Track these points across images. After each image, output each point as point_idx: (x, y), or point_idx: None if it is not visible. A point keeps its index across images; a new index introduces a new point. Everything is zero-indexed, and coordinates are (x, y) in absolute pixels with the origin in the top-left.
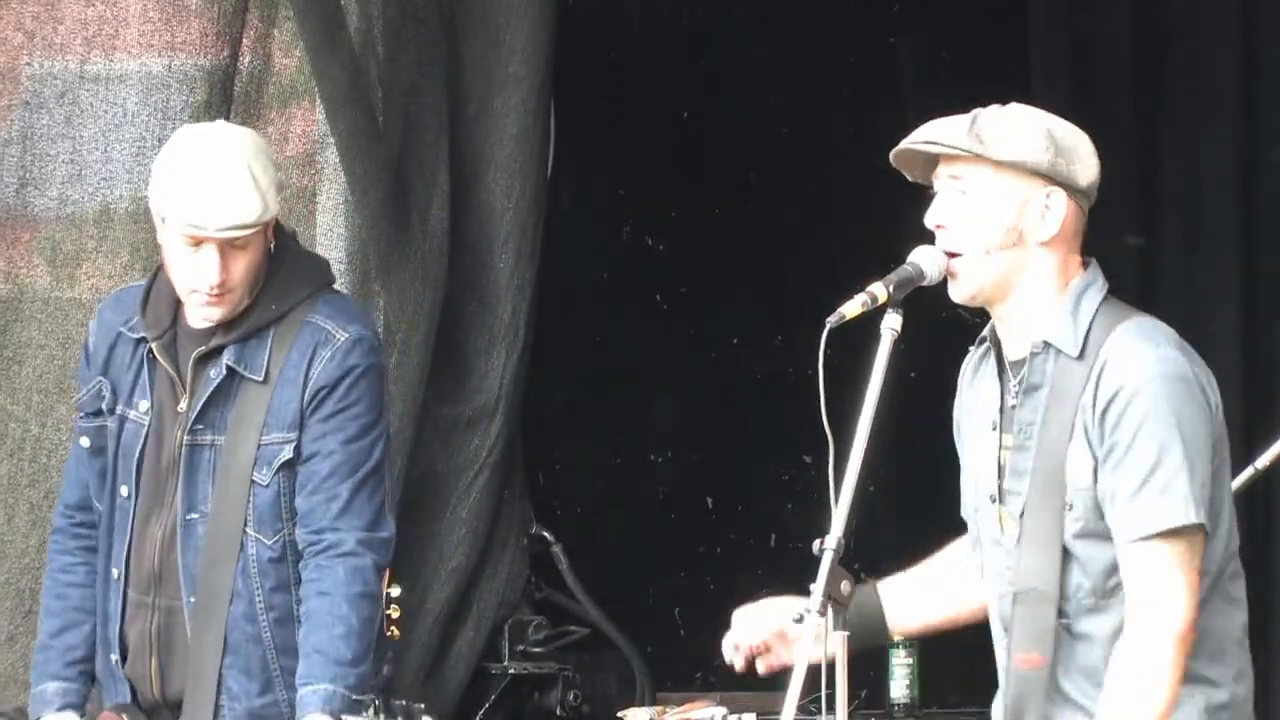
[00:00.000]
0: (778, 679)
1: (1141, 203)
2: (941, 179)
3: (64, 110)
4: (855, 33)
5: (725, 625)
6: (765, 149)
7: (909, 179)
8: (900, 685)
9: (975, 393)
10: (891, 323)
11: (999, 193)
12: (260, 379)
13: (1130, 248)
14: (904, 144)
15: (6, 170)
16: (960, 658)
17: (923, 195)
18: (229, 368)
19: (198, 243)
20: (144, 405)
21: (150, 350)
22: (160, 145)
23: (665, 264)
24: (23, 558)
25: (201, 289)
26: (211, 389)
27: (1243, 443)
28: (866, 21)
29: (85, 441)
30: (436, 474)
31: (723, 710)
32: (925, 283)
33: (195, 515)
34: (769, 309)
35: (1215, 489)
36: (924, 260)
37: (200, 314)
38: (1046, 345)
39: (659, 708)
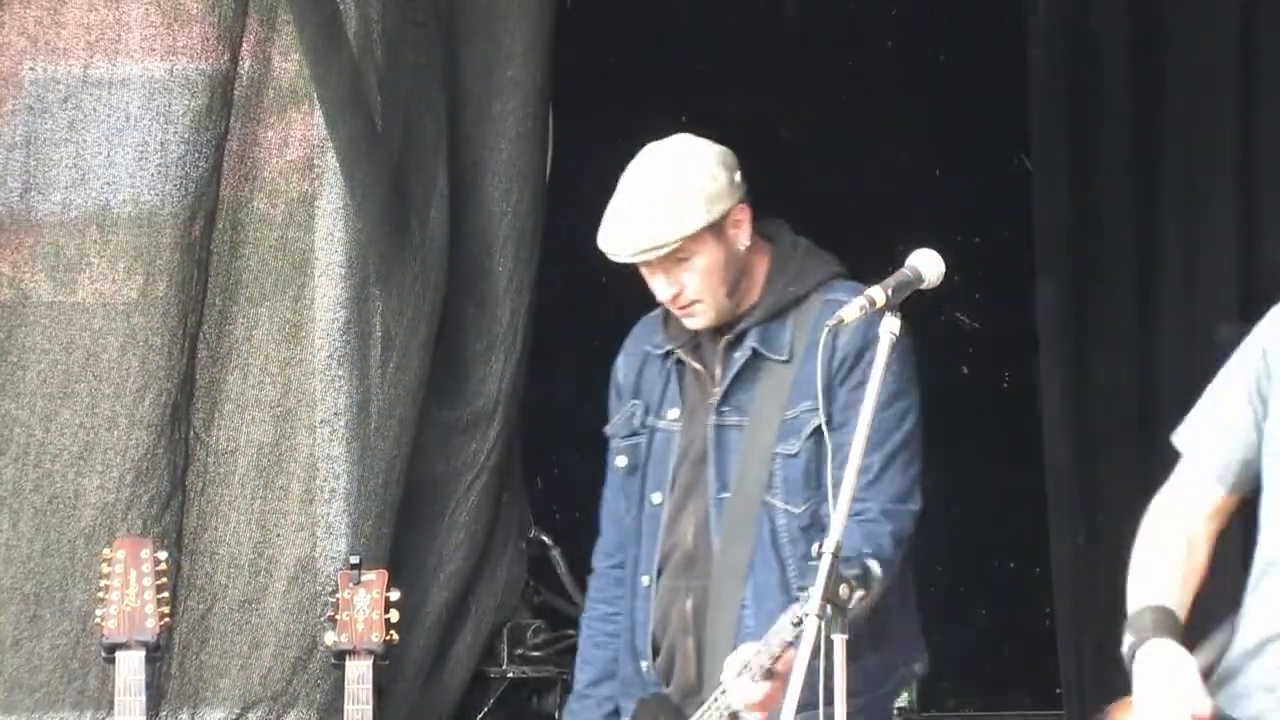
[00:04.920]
0: None
1: (1140, 202)
2: None
3: (67, 115)
4: (853, 36)
5: None
6: (763, 152)
7: None
8: None
9: None
10: (890, 326)
11: None
12: (784, 358)
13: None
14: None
15: (10, 175)
16: (959, 661)
17: (921, 201)
18: (754, 349)
19: (646, 262)
20: (673, 413)
21: (678, 360)
22: (163, 149)
23: None
24: (27, 562)
25: (666, 303)
26: (736, 370)
27: None
28: (864, 24)
29: (622, 461)
30: (435, 477)
31: None
32: (923, 286)
33: (727, 494)
34: None
35: None
36: (922, 264)
37: (688, 324)
38: None
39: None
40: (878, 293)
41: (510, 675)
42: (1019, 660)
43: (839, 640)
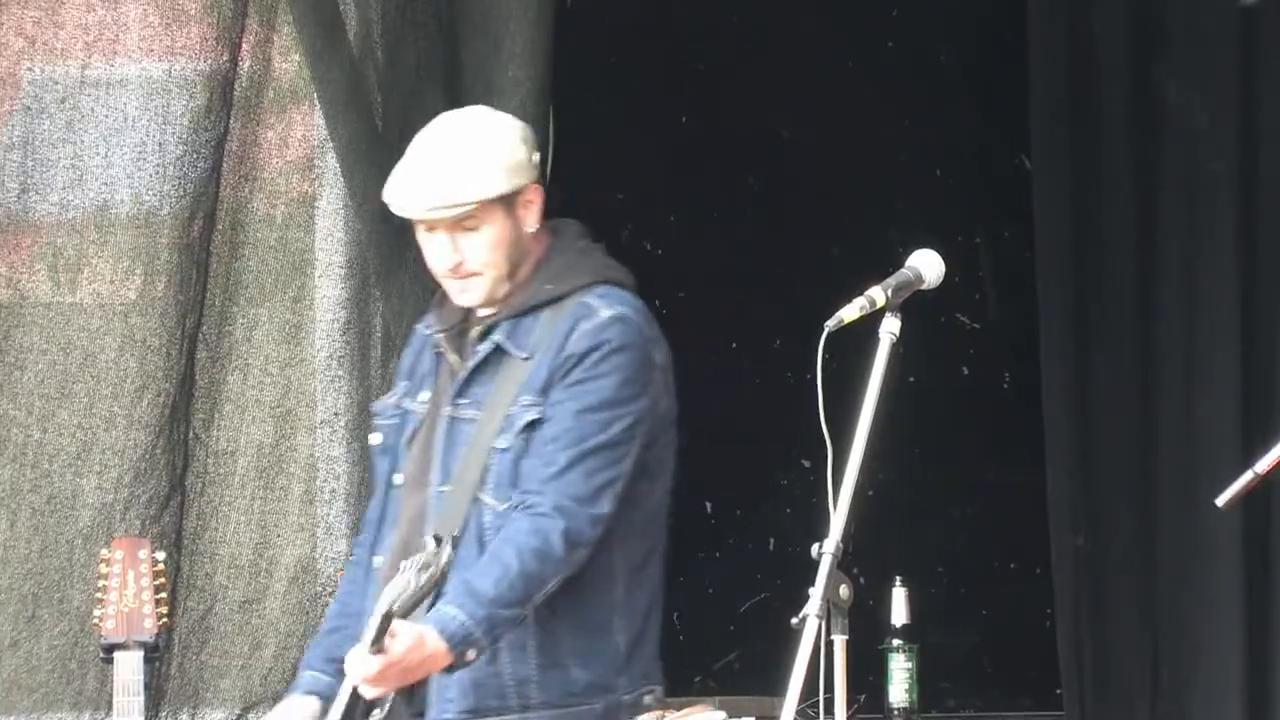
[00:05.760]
0: (777, 683)
1: (1140, 202)
2: None
3: (65, 115)
4: (854, 36)
5: (725, 629)
6: (764, 152)
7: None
8: (899, 689)
9: None
10: (890, 326)
11: None
12: (525, 355)
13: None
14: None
15: (8, 175)
16: (959, 661)
17: (921, 201)
18: (497, 344)
19: (430, 227)
20: (424, 396)
21: (436, 344)
22: (161, 149)
23: (664, 268)
24: (25, 563)
25: (442, 273)
26: (476, 362)
27: (1242, 446)
28: (865, 24)
29: (376, 438)
30: None
31: (722, 714)
32: (924, 287)
33: (447, 487)
34: (767, 313)
35: None
36: (923, 264)
37: (458, 299)
38: None
39: (658, 711)
40: (878, 293)
41: None
42: (1019, 660)
43: (839, 640)
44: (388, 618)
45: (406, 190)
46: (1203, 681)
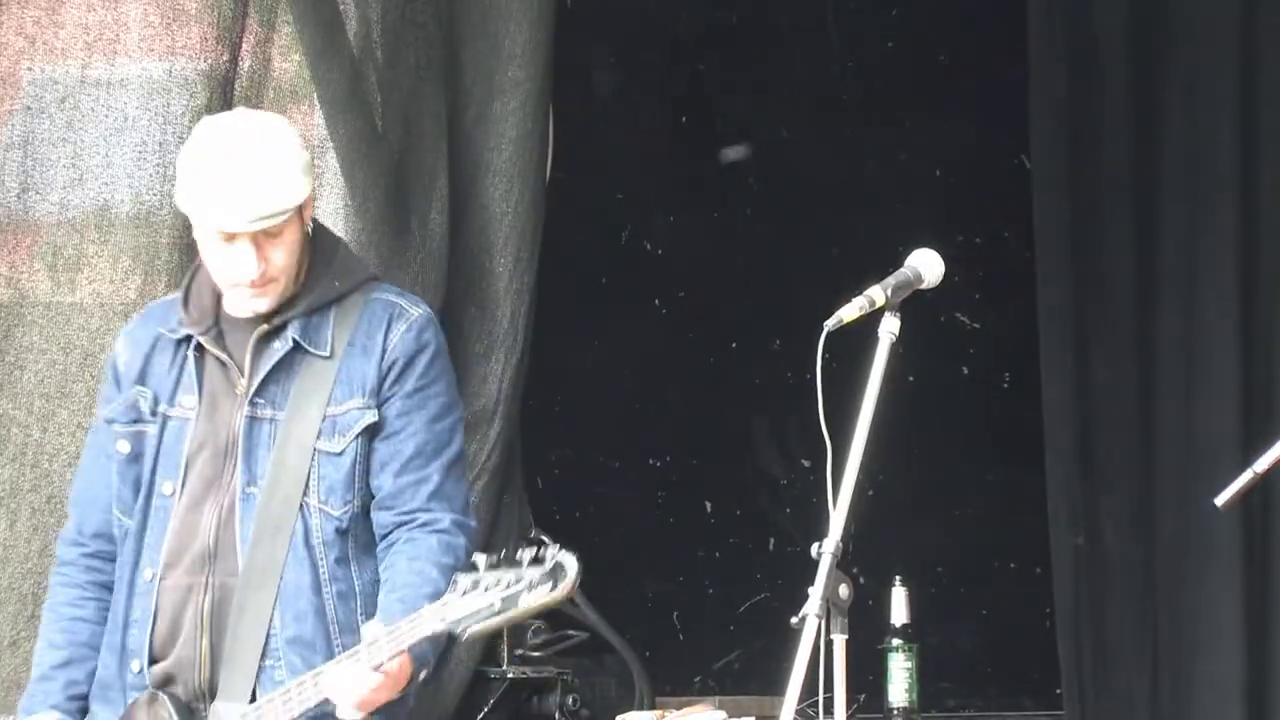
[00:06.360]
0: (777, 683)
1: (1140, 202)
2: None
3: (65, 115)
4: (855, 37)
5: (725, 629)
6: (764, 153)
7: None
8: (899, 689)
9: None
10: (890, 326)
11: None
12: (325, 354)
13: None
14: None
15: (7, 175)
16: (959, 661)
17: (921, 201)
18: (295, 341)
19: (231, 237)
20: (189, 400)
21: (197, 345)
22: (161, 149)
23: (664, 268)
24: (25, 562)
25: (243, 283)
26: (274, 362)
27: (1242, 446)
28: (866, 25)
29: (125, 446)
30: None
31: (721, 714)
32: (923, 286)
33: (254, 489)
34: (767, 313)
35: None
36: (922, 264)
37: (246, 306)
38: None
39: (658, 712)
40: (877, 293)
41: (510, 675)
42: (1019, 660)
43: (839, 640)
44: (448, 639)
45: (223, 204)
46: (1203, 681)
